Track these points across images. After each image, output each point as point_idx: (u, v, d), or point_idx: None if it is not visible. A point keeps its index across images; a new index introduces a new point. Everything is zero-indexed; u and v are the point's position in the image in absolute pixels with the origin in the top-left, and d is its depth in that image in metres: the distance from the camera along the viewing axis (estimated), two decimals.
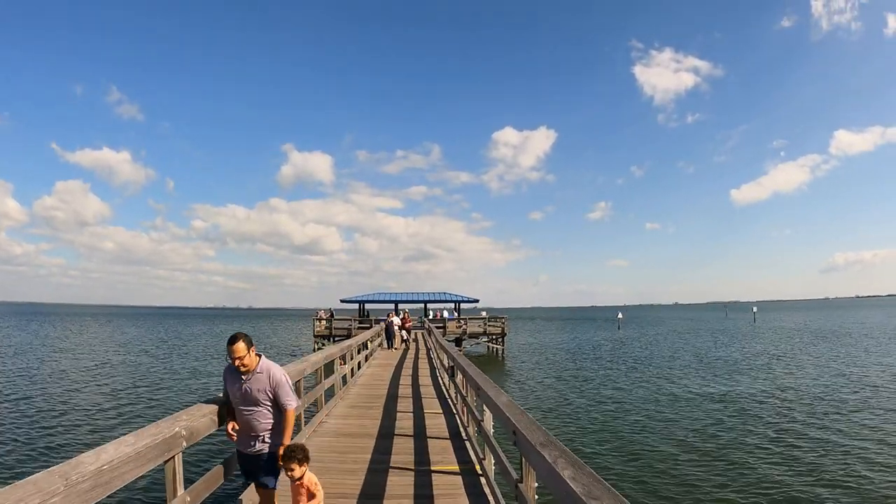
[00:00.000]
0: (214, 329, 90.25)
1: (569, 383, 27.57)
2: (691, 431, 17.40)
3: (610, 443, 16.08)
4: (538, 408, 21.08)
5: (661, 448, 15.46)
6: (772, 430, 17.46)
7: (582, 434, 17.07)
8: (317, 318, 44.32)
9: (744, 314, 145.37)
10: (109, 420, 18.84)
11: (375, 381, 13.94)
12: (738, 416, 19.57)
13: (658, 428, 17.89)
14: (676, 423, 18.58)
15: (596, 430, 17.56)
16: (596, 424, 18.41)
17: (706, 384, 26.75)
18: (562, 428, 17.74)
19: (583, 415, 20.15)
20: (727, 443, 15.95)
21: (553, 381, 28.21)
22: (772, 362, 35.29)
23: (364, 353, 17.02)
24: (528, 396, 23.58)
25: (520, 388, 26.01)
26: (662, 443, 15.99)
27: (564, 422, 18.66)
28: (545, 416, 19.33)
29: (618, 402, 22.37)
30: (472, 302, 49.17)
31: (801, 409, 20.61)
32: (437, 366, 16.84)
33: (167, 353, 45.09)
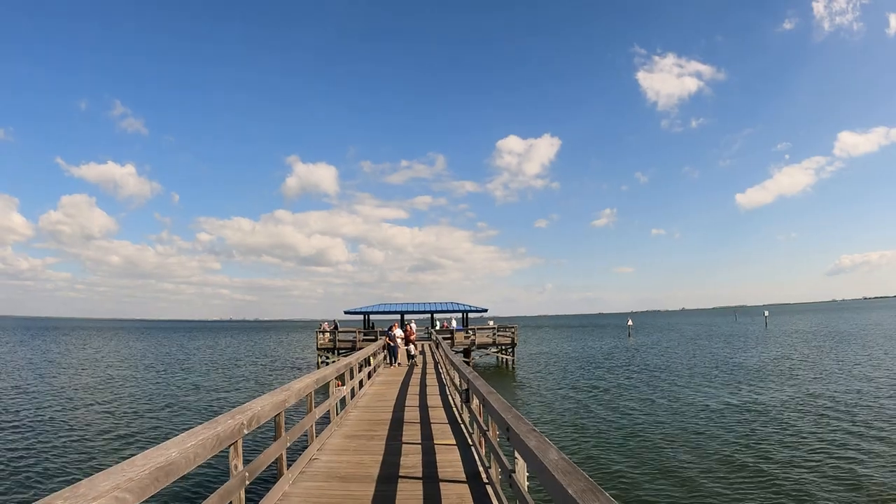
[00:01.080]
0: (220, 342, 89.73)
1: (587, 394, 26.02)
2: (728, 445, 15.94)
3: (640, 458, 14.64)
4: (556, 422, 19.60)
5: (699, 463, 14.05)
6: (815, 441, 15.99)
7: (610, 450, 15.62)
8: (320, 330, 42.90)
9: (753, 319, 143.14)
10: (103, 442, 17.52)
11: (378, 403, 12.53)
12: (776, 426, 18.07)
13: (693, 442, 16.40)
14: (711, 437, 17.11)
15: (624, 446, 16.08)
16: (623, 439, 16.91)
17: (733, 393, 25.19)
18: (587, 444, 16.27)
19: (607, 428, 18.67)
20: (769, 456, 14.49)
21: (569, 392, 26.68)
22: (795, 367, 33.68)
23: (367, 370, 15.64)
24: (545, 410, 22.05)
25: (535, 400, 24.51)
26: (700, 458, 14.56)
27: (588, 437, 17.15)
28: (566, 431, 17.84)
29: (644, 414, 20.85)
30: (480, 311, 47.71)
31: (840, 417, 19.08)
32: (446, 382, 15.42)
33: (169, 368, 43.99)
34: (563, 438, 17.04)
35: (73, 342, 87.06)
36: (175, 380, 35.18)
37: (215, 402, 25.71)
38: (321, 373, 8.20)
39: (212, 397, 27.48)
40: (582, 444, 16.41)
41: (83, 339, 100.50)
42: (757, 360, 39.26)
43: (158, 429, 19.64)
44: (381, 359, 19.94)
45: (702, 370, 34.45)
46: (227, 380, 35.23)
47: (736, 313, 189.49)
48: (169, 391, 29.64)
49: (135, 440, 17.81)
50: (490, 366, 40.99)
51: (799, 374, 30.91)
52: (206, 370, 41.79)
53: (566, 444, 16.32)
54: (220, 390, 30.09)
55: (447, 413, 10.86)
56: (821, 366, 33.93)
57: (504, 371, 38.18)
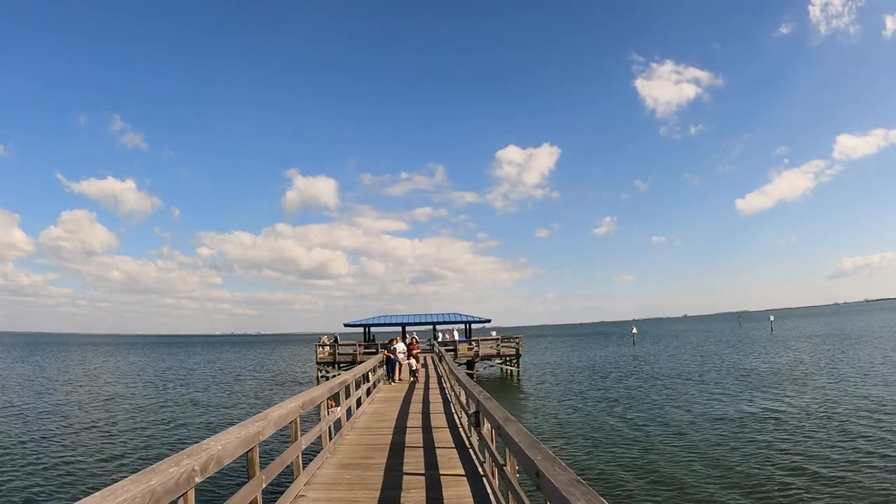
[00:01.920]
0: (222, 356, 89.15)
1: (598, 405, 24.89)
2: (752, 457, 14.88)
3: (661, 473, 13.55)
4: (568, 435, 18.45)
5: (724, 478, 12.98)
6: (842, 451, 14.92)
7: (627, 465, 14.52)
8: (320, 343, 41.80)
9: (758, 324, 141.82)
10: (93, 465, 16.37)
11: (377, 423, 11.47)
12: (800, 436, 17.00)
13: (715, 454, 15.31)
14: (733, 448, 16.05)
15: (642, 460, 14.98)
16: (641, 453, 15.81)
17: (751, 401, 24.09)
18: (602, 459, 15.15)
19: (623, 441, 17.57)
20: (797, 467, 13.40)
21: (579, 404, 25.52)
22: (810, 372, 32.57)
23: (365, 387, 14.59)
24: (556, 423, 20.89)
25: (544, 413, 23.37)
26: (725, 472, 13.49)
27: (603, 451, 16.03)
28: (580, 445, 16.71)
29: (660, 425, 19.72)
30: (483, 322, 46.58)
31: (865, 424, 18.02)
32: (451, 399, 14.36)
33: (168, 383, 43.18)
34: (576, 453, 15.95)
35: (72, 358, 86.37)
36: (174, 396, 34.30)
37: (214, 419, 24.80)
38: (309, 395, 7.17)
39: (210, 414, 26.54)
40: (597, 459, 15.32)
41: (83, 354, 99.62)
42: (769, 365, 38.12)
43: (150, 448, 18.64)
44: (380, 374, 18.74)
45: (714, 377, 33.32)
46: (226, 395, 34.26)
47: (740, 319, 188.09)
48: (167, 408, 28.70)
49: (127, 461, 16.79)
50: (494, 377, 39.85)
51: (815, 379, 29.84)
52: (205, 385, 40.91)
53: (580, 459, 15.24)
54: (220, 406, 29.21)
55: (453, 435, 9.80)
56: (836, 370, 32.83)
57: (509, 383, 37.03)
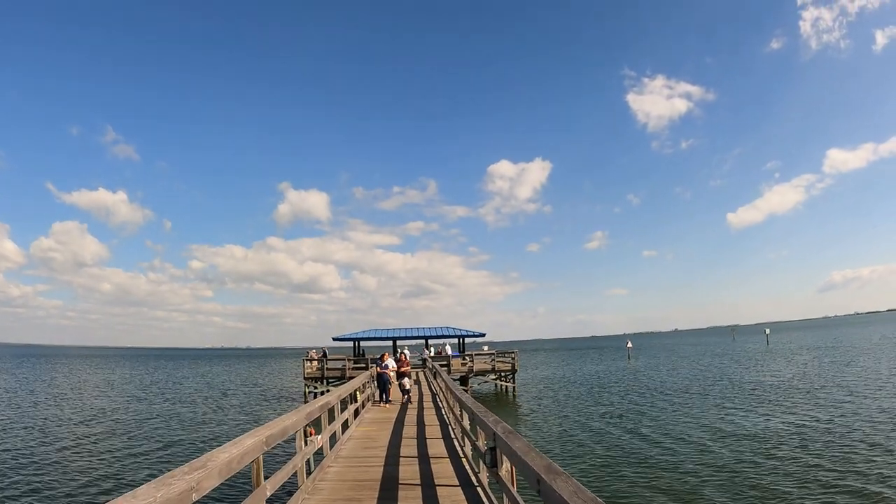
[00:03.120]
0: (210, 370, 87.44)
1: (601, 423, 23.21)
2: (772, 475, 13.43)
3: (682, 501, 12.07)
4: (573, 452, 16.79)
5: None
6: (886, 467, 13.48)
7: (644, 490, 12.98)
8: (307, 358, 40.04)
9: (751, 337, 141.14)
10: (67, 488, 14.84)
11: (365, 452, 9.88)
12: (831, 451, 15.63)
13: (749, 473, 13.80)
14: (766, 466, 14.64)
15: (660, 483, 13.43)
16: (656, 476, 14.23)
17: (769, 415, 22.74)
18: (617, 484, 13.58)
19: (635, 462, 16.02)
20: (841, 486, 11.96)
21: (581, 421, 23.86)
22: (821, 385, 31.26)
23: (352, 408, 13.00)
24: (560, 443, 19.25)
25: (545, 432, 21.71)
26: (752, 495, 12.01)
27: (616, 475, 14.43)
28: (589, 467, 15.11)
29: (671, 443, 18.11)
30: (477, 336, 45.00)
31: (886, 442, 16.63)
32: (449, 422, 12.82)
33: (154, 398, 41.48)
34: (587, 477, 14.40)
35: (59, 370, 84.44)
36: (159, 411, 32.82)
37: (198, 438, 23.19)
38: (278, 424, 5.63)
39: (197, 432, 25.01)
40: (612, 485, 13.77)
41: (71, 367, 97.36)
42: (775, 379, 36.74)
43: (124, 471, 16.91)
44: (369, 393, 16.98)
45: (721, 391, 31.90)
46: (212, 411, 32.60)
47: (733, 332, 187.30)
48: (150, 425, 27.09)
49: (101, 484, 15.28)
50: (489, 393, 38.23)
51: (828, 392, 28.57)
52: (192, 401, 39.15)
53: (592, 483, 13.68)
54: (208, 423, 27.71)
55: (455, 467, 8.24)
56: (847, 383, 31.57)
57: (505, 399, 35.40)
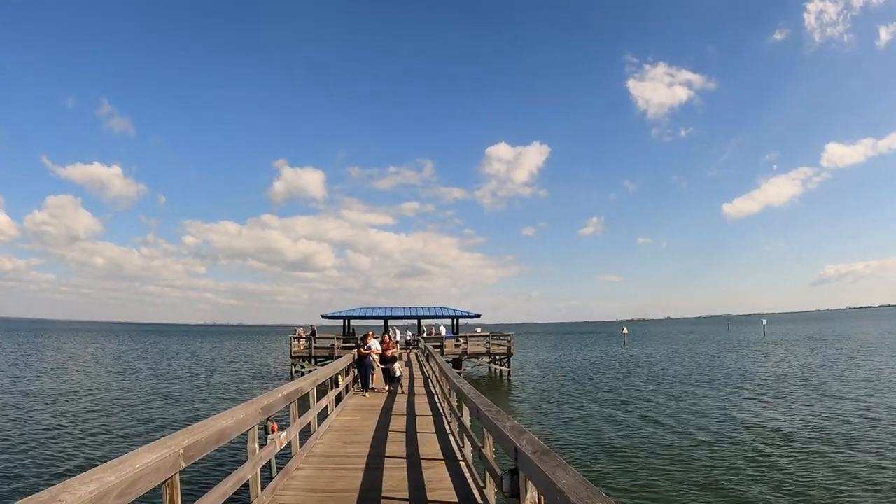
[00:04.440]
0: (203, 346, 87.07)
1: (605, 410, 21.75)
2: (813, 472, 12.03)
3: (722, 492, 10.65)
4: (576, 443, 15.27)
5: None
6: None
7: (657, 481, 11.57)
8: (295, 336, 38.54)
9: (746, 327, 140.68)
10: (36, 466, 14.21)
11: (344, 450, 8.20)
12: (856, 447, 14.27)
13: (763, 474, 12.37)
14: (787, 459, 13.24)
15: (684, 478, 11.98)
16: (668, 468, 12.77)
17: (782, 408, 21.38)
18: (626, 479, 12.12)
19: (644, 454, 14.57)
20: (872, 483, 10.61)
21: (582, 407, 22.23)
22: (831, 377, 29.94)
23: (333, 393, 11.41)
24: (563, 431, 17.68)
25: (545, 420, 20.13)
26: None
27: (623, 469, 12.95)
28: (593, 459, 13.64)
29: (683, 439, 16.44)
30: (472, 317, 43.52)
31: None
32: (443, 411, 11.28)
33: (141, 373, 40.42)
34: (600, 466, 12.96)
35: (48, 345, 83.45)
36: (143, 386, 31.96)
37: (181, 414, 22.46)
38: (212, 425, 3.99)
39: (181, 408, 24.40)
40: (619, 480, 12.32)
41: (60, 341, 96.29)
42: (780, 370, 35.36)
43: (105, 447, 15.98)
44: (351, 378, 15.14)
45: (726, 381, 30.55)
46: (197, 390, 31.34)
47: (728, 322, 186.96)
48: (131, 401, 26.18)
49: (76, 461, 14.63)
50: (482, 377, 36.89)
51: (848, 383, 27.43)
52: (179, 377, 37.88)
53: (613, 477, 12.25)
54: (194, 401, 26.92)
55: (453, 476, 6.67)
56: (858, 376, 30.30)
57: (499, 384, 34.02)
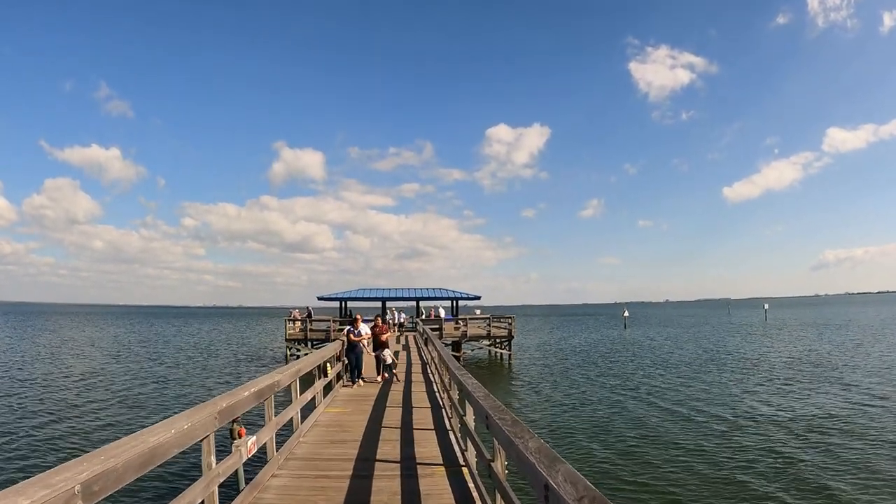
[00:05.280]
0: (202, 328, 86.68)
1: (615, 398, 20.57)
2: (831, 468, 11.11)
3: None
4: (583, 432, 14.22)
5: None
6: None
7: (677, 475, 10.64)
8: (290, 318, 37.62)
9: (746, 311, 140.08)
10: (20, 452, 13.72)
11: (328, 453, 7.06)
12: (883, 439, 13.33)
13: (788, 469, 11.39)
14: (794, 456, 12.27)
15: (696, 471, 11.05)
16: (690, 462, 11.82)
17: (795, 395, 20.43)
18: (642, 473, 11.18)
19: (662, 444, 13.58)
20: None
21: (593, 391, 21.09)
22: (841, 364, 28.98)
23: (320, 384, 10.41)
24: (569, 418, 16.66)
25: (548, 408, 19.05)
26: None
27: (638, 460, 12.00)
28: (601, 452, 12.72)
29: (699, 429, 15.12)
30: (472, 299, 42.59)
31: None
32: (442, 403, 10.30)
33: (136, 356, 39.73)
34: (606, 464, 12.05)
35: (45, 327, 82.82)
36: (137, 370, 31.27)
37: (172, 401, 21.73)
38: (119, 455, 2.95)
39: (173, 392, 23.92)
40: (634, 471, 11.39)
41: (57, 324, 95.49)
42: (787, 355, 34.37)
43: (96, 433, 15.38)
44: (341, 367, 13.77)
45: (732, 365, 29.60)
46: (192, 373, 30.61)
47: (729, 306, 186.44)
48: (124, 386, 25.44)
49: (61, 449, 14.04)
50: (482, 360, 36.09)
51: (853, 373, 26.37)
52: (174, 361, 37.05)
53: (613, 469, 11.33)
54: (188, 384, 26.34)
55: (453, 484, 5.72)
56: (866, 364, 29.34)
57: (499, 367, 33.16)
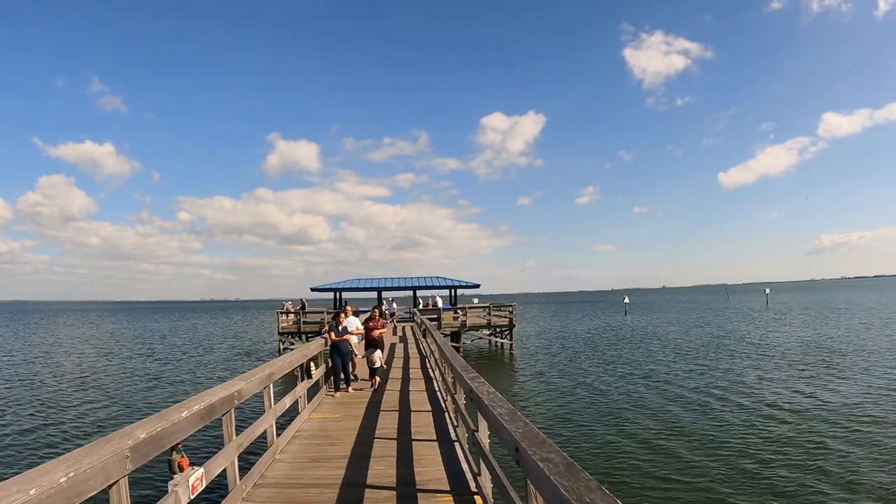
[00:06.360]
0: (198, 323, 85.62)
1: (627, 390, 19.12)
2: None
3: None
4: (604, 432, 13.00)
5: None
6: None
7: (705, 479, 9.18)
8: (283, 311, 36.07)
9: (745, 296, 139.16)
10: None
11: (308, 477, 5.52)
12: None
13: (825, 465, 9.99)
14: (829, 448, 10.88)
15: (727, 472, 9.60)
16: (726, 455, 10.37)
17: (817, 382, 19.12)
18: (667, 477, 9.72)
19: (685, 441, 12.19)
20: None
21: (603, 382, 19.79)
22: (857, 348, 27.69)
23: (306, 384, 8.83)
24: (582, 413, 15.37)
25: (556, 402, 17.70)
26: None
27: (660, 463, 10.57)
28: (635, 459, 11.29)
29: (720, 421, 13.89)
30: (471, 287, 41.06)
31: None
32: (445, 407, 8.71)
33: (131, 354, 38.45)
34: (633, 465, 10.56)
35: (38, 325, 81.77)
36: (130, 368, 30.27)
37: (160, 400, 20.75)
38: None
39: (163, 391, 22.96)
40: (660, 472, 9.92)
41: (51, 322, 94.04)
42: (797, 340, 33.07)
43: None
44: (321, 374, 11.21)
45: (744, 351, 28.24)
46: (185, 370, 29.34)
47: (728, 291, 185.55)
48: (114, 385, 24.50)
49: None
50: (483, 351, 34.63)
51: (871, 357, 25.12)
52: (168, 358, 35.79)
53: (643, 471, 9.83)
54: (180, 382, 25.35)
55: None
56: (880, 347, 28.06)
57: (500, 358, 31.69)
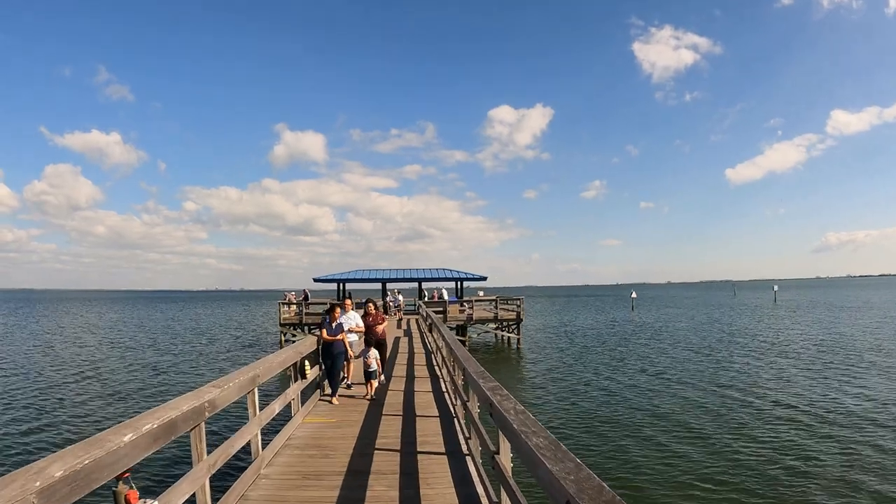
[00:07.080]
0: (203, 312, 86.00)
1: (645, 391, 18.24)
2: None
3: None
4: (626, 434, 12.19)
5: None
6: None
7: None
8: (285, 301, 35.32)
9: (752, 293, 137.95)
10: None
11: (297, 500, 5.00)
12: None
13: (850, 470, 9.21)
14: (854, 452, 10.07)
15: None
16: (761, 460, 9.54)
17: (845, 383, 18.25)
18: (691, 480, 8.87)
19: (708, 444, 11.34)
20: None
21: (617, 383, 18.91)
22: (873, 347, 26.84)
23: (299, 386, 8.04)
24: (589, 415, 14.37)
25: (568, 400, 16.92)
26: None
27: (687, 465, 9.73)
28: (645, 456, 10.45)
29: (739, 424, 12.80)
30: (478, 280, 40.22)
31: None
32: (454, 411, 7.89)
33: (135, 343, 38.17)
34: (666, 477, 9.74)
35: (44, 314, 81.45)
36: (133, 357, 30.02)
37: (162, 389, 20.45)
38: None
39: (162, 378, 23.06)
40: (686, 472, 9.10)
41: (57, 311, 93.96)
42: (812, 338, 31.99)
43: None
44: (316, 373, 9.25)
45: (760, 349, 27.30)
46: (188, 361, 28.96)
47: (734, 287, 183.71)
48: (117, 375, 24.13)
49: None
50: (489, 345, 33.85)
51: (888, 357, 24.21)
52: (171, 348, 35.22)
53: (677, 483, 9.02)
54: (182, 372, 25.07)
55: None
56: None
57: (507, 353, 30.92)
